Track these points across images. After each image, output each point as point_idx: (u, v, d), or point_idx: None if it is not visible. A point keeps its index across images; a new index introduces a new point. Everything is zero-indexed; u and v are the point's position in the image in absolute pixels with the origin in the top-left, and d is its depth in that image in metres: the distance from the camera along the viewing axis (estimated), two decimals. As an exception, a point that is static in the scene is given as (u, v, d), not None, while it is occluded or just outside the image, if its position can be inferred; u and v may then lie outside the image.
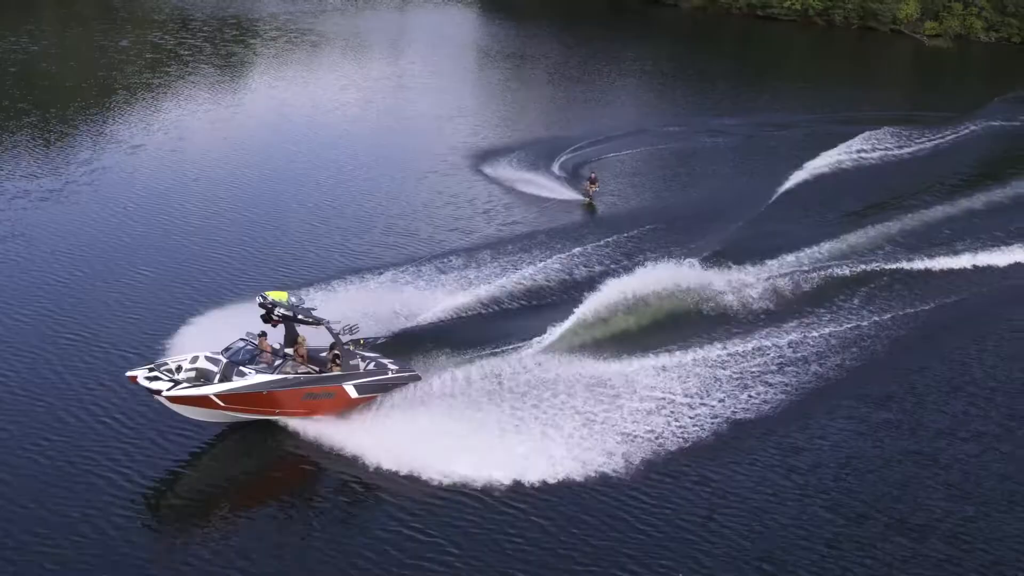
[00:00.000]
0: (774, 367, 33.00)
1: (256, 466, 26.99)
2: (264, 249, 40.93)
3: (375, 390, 28.85)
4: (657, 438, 28.23)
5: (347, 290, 35.25)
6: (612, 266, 40.45)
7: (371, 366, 29.18)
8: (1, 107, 59.49)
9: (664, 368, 32.18)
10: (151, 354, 30.38)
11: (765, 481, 27.14)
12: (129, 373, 26.62)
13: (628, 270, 38.32)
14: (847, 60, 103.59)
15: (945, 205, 52.24)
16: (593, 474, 26.41)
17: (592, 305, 34.81)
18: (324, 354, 28.87)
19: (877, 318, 37.47)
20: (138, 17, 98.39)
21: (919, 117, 72.89)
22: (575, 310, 34.51)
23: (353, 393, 28.55)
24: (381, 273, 37.68)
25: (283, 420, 27.85)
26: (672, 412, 29.64)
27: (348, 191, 49.65)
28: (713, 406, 30.17)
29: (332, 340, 28.47)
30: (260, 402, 27.23)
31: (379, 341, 31.08)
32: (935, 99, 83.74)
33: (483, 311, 35.41)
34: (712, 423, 29.26)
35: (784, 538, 24.78)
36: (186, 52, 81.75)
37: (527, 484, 25.86)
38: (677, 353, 33.21)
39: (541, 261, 40.42)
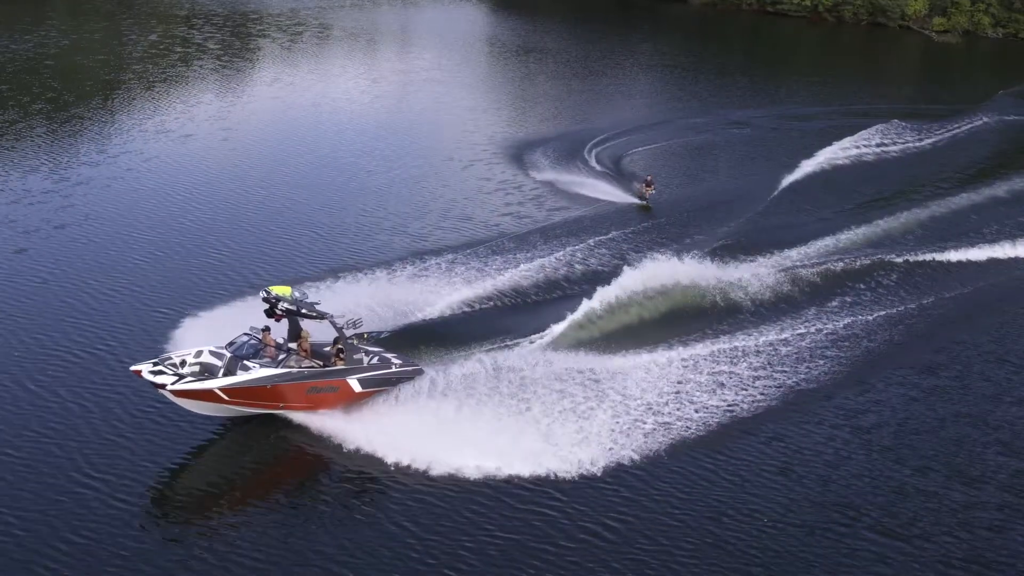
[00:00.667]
0: (828, 343, 34.83)
1: (260, 460, 27.02)
2: (268, 244, 41.03)
3: (379, 384, 28.89)
4: (729, 407, 30.09)
5: (351, 285, 35.31)
6: (624, 258, 40.67)
7: (375, 360, 29.21)
8: (15, 100, 59.81)
9: (731, 348, 33.68)
10: (155, 349, 30.55)
11: (833, 438, 29.38)
12: (133, 367, 26.70)
13: (650, 260, 38.75)
14: (857, 55, 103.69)
15: (965, 194, 53.23)
16: (606, 464, 26.68)
17: (607, 296, 35.13)
18: (328, 349, 28.92)
19: (918, 301, 39.25)
20: (160, 12, 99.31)
21: (927, 111, 73.06)
22: (583, 303, 34.69)
23: (357, 387, 28.61)
24: (385, 268, 37.78)
25: (287, 414, 27.93)
26: (736, 384, 31.39)
27: (358, 187, 49.78)
28: (777, 378, 32.08)
29: (336, 335, 28.56)
30: (264, 396, 27.30)
31: (382, 335, 31.17)
32: (942, 93, 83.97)
33: (488, 306, 35.45)
34: (779, 391, 31.25)
35: (855, 487, 27.07)
36: (215, 46, 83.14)
37: (532, 476, 25.97)
38: (723, 339, 34.46)
39: (549, 255, 40.45)
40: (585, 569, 23.20)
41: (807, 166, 56.29)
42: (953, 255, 43.99)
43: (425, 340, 31.85)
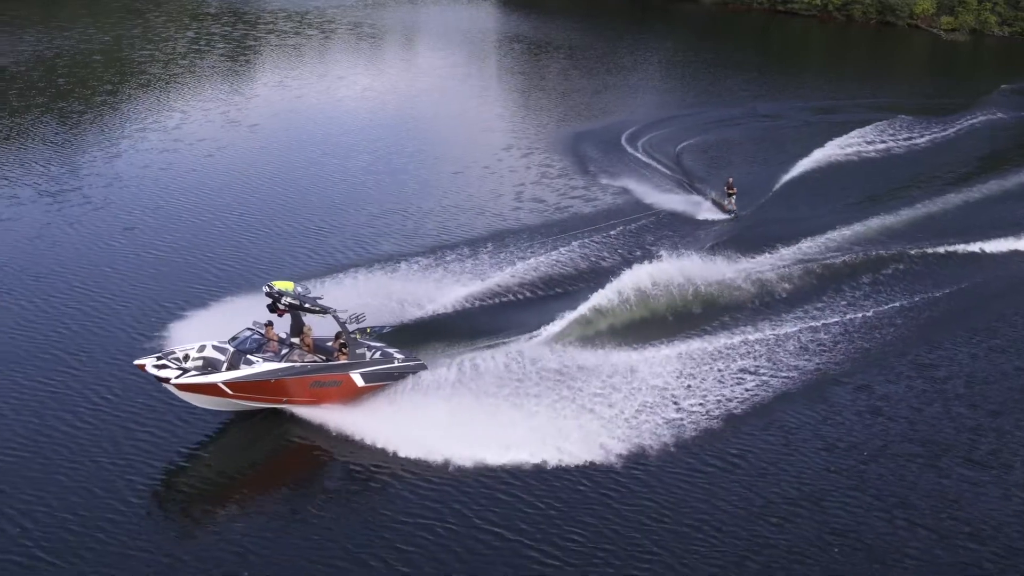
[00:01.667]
0: (853, 332, 35.04)
1: (263, 454, 27.18)
2: (271, 239, 41.18)
3: (381, 379, 29.00)
4: (742, 399, 30.03)
5: (354, 280, 35.36)
6: (635, 253, 40.79)
7: (377, 355, 29.33)
8: (14, 99, 60.41)
9: (740, 343, 33.66)
10: (158, 343, 30.80)
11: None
12: (137, 361, 26.88)
13: (656, 256, 38.89)
14: (868, 53, 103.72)
15: (972, 188, 53.26)
16: (614, 457, 26.73)
17: (609, 293, 35.01)
18: (330, 343, 29.05)
19: (954, 286, 39.62)
20: (190, 10, 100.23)
21: (934, 106, 73.07)
22: (586, 300, 34.64)
23: (360, 382, 28.73)
24: (389, 263, 37.82)
25: (290, 408, 28.05)
26: (749, 376, 31.56)
27: (365, 182, 49.96)
28: (802, 366, 32.38)
29: (338, 329, 28.68)
30: (268, 390, 27.44)
31: (385, 330, 31.25)
32: (946, 89, 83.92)
33: (492, 301, 35.44)
34: (800, 377, 31.54)
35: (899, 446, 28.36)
36: (251, 42, 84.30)
37: (534, 470, 26.01)
38: (727, 333, 34.36)
39: (555, 250, 40.46)
40: (591, 559, 23.21)
41: (808, 161, 56.37)
42: (962, 246, 43.71)
43: (428, 335, 31.90)
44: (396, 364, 29.43)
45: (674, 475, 26.47)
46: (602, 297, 34.95)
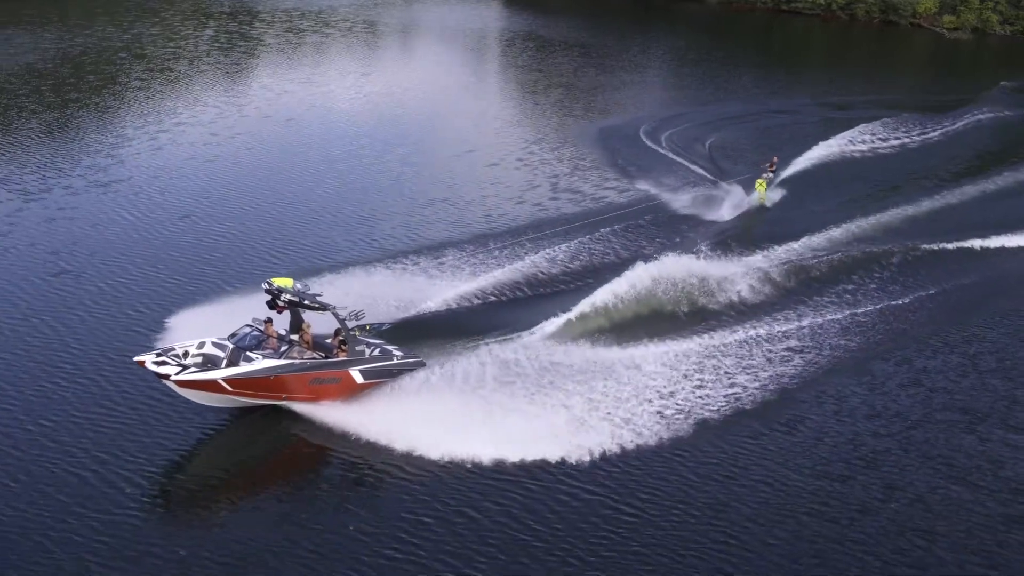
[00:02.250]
0: (853, 330, 35.63)
1: (263, 450, 27.26)
2: (271, 236, 41.23)
3: (380, 376, 29.07)
4: (738, 395, 30.33)
5: (354, 277, 35.46)
6: (632, 251, 40.85)
7: (376, 352, 29.40)
8: (43, 95, 60.64)
9: (741, 340, 34.04)
10: (158, 339, 30.87)
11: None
12: (137, 358, 26.95)
13: (654, 252, 39.27)
14: (872, 52, 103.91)
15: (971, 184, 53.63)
16: (613, 451, 26.95)
17: (607, 291, 35.05)
18: (329, 340, 29.14)
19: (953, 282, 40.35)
20: (204, 9, 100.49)
21: (934, 103, 73.43)
22: (584, 297, 34.68)
23: (359, 378, 28.81)
24: (389, 260, 37.88)
25: (289, 405, 28.13)
26: (745, 374, 31.88)
27: (365, 179, 50.08)
28: (796, 364, 32.78)
29: (337, 326, 28.76)
30: (268, 387, 27.52)
31: (384, 327, 31.31)
32: (944, 87, 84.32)
33: (491, 299, 35.49)
34: (794, 378, 31.82)
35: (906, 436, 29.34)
36: (273, 41, 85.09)
37: (537, 465, 26.09)
38: (725, 332, 34.61)
39: (554, 248, 40.45)
40: (593, 554, 23.28)
41: (815, 155, 56.88)
42: (966, 241, 44.25)
43: (427, 332, 31.96)
44: (395, 361, 29.50)
45: (670, 467, 26.66)
46: (604, 294, 34.98)
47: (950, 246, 43.33)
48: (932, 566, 23.65)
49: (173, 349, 27.22)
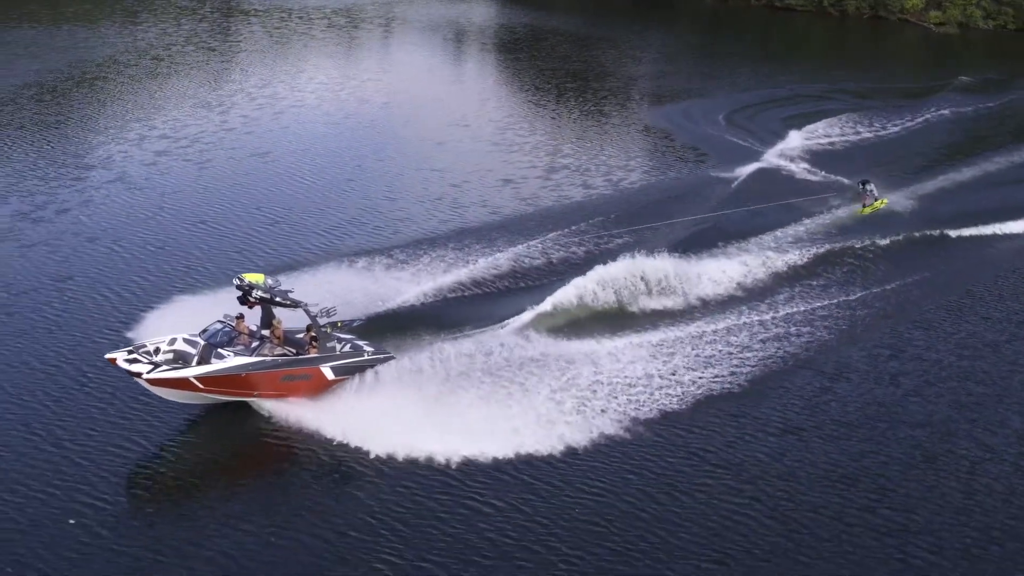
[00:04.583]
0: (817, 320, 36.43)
1: (234, 447, 27.47)
2: (242, 232, 41.16)
3: (351, 371, 29.26)
4: (711, 382, 31.10)
5: (325, 273, 35.58)
6: (605, 245, 41.19)
7: (347, 348, 29.57)
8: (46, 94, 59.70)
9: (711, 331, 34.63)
10: (129, 336, 30.86)
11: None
12: (108, 355, 27.02)
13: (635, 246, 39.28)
14: (866, 47, 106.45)
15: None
16: (584, 443, 27.45)
17: (578, 285, 35.41)
18: (300, 335, 29.29)
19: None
20: (205, 9, 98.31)
21: (920, 90, 75.99)
22: (555, 291, 35.05)
23: (330, 375, 29.00)
24: (359, 257, 37.90)
25: (260, 402, 28.30)
26: (716, 362, 32.60)
27: (341, 177, 49.84)
28: (767, 352, 33.56)
29: (308, 322, 28.91)
30: (239, 384, 27.64)
31: (355, 323, 31.51)
32: (946, 75, 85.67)
33: (461, 293, 35.69)
34: (766, 366, 32.58)
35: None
36: (258, 34, 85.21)
37: (503, 460, 26.38)
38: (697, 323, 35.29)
39: (522, 244, 40.58)
40: (569, 548, 23.66)
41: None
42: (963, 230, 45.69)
43: (398, 327, 32.11)
44: (365, 356, 29.70)
45: (643, 456, 27.22)
46: (575, 288, 35.35)
47: (900, 238, 44.40)
48: (912, 556, 24.17)
49: (145, 346, 27.28)
